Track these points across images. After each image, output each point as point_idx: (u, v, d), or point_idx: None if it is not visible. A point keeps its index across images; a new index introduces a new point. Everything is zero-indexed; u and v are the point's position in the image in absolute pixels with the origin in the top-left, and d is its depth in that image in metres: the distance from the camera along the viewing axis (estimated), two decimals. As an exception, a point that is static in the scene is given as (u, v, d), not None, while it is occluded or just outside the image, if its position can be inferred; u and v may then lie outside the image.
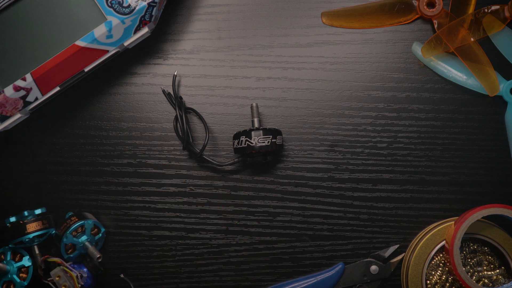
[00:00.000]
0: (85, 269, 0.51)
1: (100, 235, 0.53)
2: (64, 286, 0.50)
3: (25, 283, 0.52)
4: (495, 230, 0.51)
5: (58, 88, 0.52)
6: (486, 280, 0.51)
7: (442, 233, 0.51)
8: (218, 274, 0.54)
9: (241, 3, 0.56)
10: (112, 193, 0.55)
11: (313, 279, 0.53)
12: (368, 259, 0.53)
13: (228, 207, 0.55)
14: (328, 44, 0.56)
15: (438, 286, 0.51)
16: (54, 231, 0.53)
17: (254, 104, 0.54)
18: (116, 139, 0.55)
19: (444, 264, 0.51)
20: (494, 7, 0.54)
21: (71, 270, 0.50)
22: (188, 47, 0.56)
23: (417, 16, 0.55)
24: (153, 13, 0.52)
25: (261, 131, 0.51)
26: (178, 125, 0.54)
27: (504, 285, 0.50)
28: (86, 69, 0.52)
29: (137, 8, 0.51)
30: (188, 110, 0.55)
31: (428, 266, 0.51)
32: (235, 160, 0.54)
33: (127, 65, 0.56)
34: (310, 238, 0.54)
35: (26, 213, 0.51)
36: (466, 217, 0.49)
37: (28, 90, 0.51)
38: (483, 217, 0.49)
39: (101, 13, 0.51)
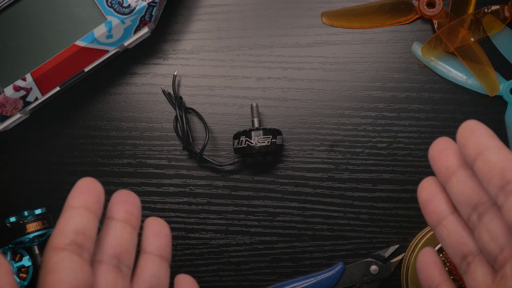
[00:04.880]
0: (85, 269, 0.51)
1: (100, 235, 0.53)
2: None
3: (25, 283, 0.52)
4: (495, 230, 0.51)
5: (58, 88, 0.52)
6: (486, 280, 0.51)
7: (442, 233, 0.51)
8: (218, 274, 0.54)
9: (241, 3, 0.56)
10: (112, 193, 0.55)
11: (313, 279, 0.53)
12: (368, 259, 0.53)
13: (228, 207, 0.55)
14: (328, 44, 0.56)
15: (438, 286, 0.51)
16: (54, 231, 0.53)
17: (254, 104, 0.54)
18: (116, 139, 0.55)
19: (444, 264, 0.51)
20: (494, 7, 0.54)
21: (71, 270, 0.50)
22: (188, 47, 0.56)
23: (417, 16, 0.55)
24: (153, 13, 0.52)
25: (261, 131, 0.51)
26: (178, 125, 0.54)
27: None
28: (86, 69, 0.52)
29: (137, 8, 0.51)
30: (188, 110, 0.55)
31: (428, 266, 0.51)
32: (235, 160, 0.54)
33: (127, 65, 0.56)
34: (310, 238, 0.54)
35: (26, 213, 0.51)
36: (466, 217, 0.49)
37: (28, 90, 0.51)
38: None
39: (101, 13, 0.51)
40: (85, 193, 0.33)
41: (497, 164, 0.30)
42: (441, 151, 0.35)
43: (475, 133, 0.32)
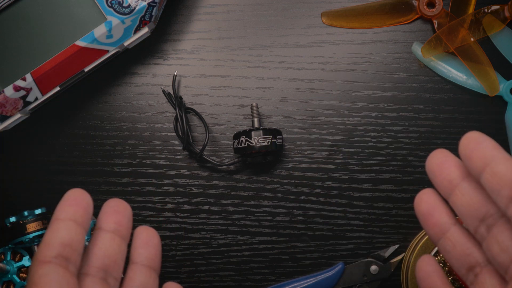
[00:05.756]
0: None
1: (100, 235, 0.53)
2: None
3: (25, 283, 0.51)
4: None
5: (58, 88, 0.52)
6: (486, 280, 0.51)
7: (442, 233, 0.51)
8: (218, 274, 0.54)
9: (241, 3, 0.56)
10: (112, 193, 0.55)
11: (313, 279, 0.53)
12: (368, 259, 0.53)
13: (228, 207, 0.55)
14: (328, 44, 0.56)
15: (438, 286, 0.51)
16: (54, 231, 0.53)
17: (254, 104, 0.54)
18: (116, 139, 0.55)
19: (444, 264, 0.51)
20: (494, 7, 0.54)
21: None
22: (188, 47, 0.56)
23: (417, 16, 0.55)
24: (153, 13, 0.52)
25: (261, 131, 0.51)
26: (178, 125, 0.54)
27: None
28: (86, 69, 0.52)
29: (137, 8, 0.51)
30: (188, 110, 0.55)
31: (428, 266, 0.51)
32: (235, 160, 0.54)
33: (127, 65, 0.56)
34: (310, 238, 0.54)
35: (26, 213, 0.51)
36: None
37: (28, 90, 0.51)
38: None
39: (101, 13, 0.51)
40: (73, 205, 0.32)
41: (506, 175, 0.30)
42: (441, 163, 0.34)
43: (480, 145, 0.31)
